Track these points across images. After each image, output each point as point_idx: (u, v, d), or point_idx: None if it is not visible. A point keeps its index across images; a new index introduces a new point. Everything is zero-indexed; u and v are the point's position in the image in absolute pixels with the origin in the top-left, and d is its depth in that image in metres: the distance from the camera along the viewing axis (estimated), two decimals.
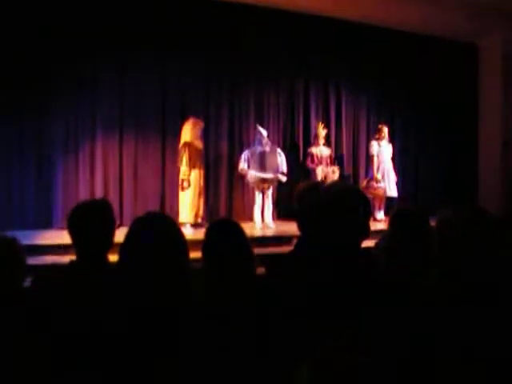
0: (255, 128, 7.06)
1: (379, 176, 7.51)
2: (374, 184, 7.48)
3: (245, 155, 6.77)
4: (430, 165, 8.92)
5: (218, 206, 7.43)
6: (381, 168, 7.59)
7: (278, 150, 6.88)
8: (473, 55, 8.88)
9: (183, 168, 6.45)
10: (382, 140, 7.65)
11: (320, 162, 7.40)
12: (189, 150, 6.44)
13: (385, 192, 7.51)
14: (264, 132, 6.81)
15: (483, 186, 8.69)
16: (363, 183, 7.65)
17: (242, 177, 6.92)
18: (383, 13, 7.44)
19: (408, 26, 7.84)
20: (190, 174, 6.46)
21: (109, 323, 1.36)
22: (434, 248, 1.46)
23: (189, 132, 6.46)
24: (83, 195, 6.50)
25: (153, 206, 6.88)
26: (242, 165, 6.73)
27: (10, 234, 1.96)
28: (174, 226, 1.58)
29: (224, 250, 1.77)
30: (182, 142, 6.49)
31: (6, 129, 6.24)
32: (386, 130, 7.66)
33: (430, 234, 1.67)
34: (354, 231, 1.69)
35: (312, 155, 7.46)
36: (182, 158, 6.46)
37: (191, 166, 6.47)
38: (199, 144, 6.56)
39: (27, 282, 1.80)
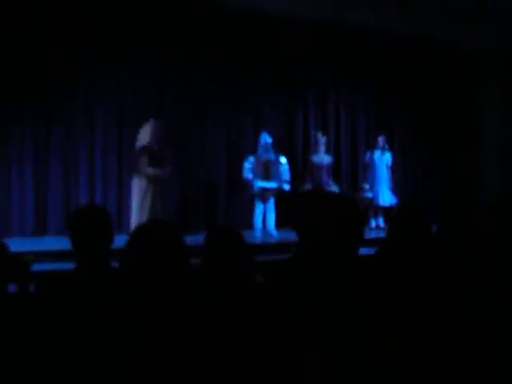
0: (260, 133, 6.83)
1: (365, 186, 7.53)
2: (361, 193, 7.50)
3: (249, 164, 6.54)
4: (428, 171, 8.89)
5: (217, 212, 7.40)
6: (371, 177, 7.60)
7: (281, 158, 6.69)
8: (470, 56, 8.86)
9: (152, 173, 5.79)
10: (375, 149, 7.66)
11: (320, 170, 7.27)
12: (148, 155, 5.85)
13: (372, 201, 7.50)
14: (269, 139, 6.63)
15: (481, 192, 8.64)
16: (353, 193, 7.69)
17: (245, 184, 6.65)
18: (380, 17, 7.41)
19: (405, 29, 7.80)
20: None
21: (111, 328, 1.37)
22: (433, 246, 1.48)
23: (148, 135, 5.88)
24: (82, 200, 6.51)
25: None
26: (247, 174, 6.51)
27: (7, 240, 1.97)
28: (176, 233, 1.59)
29: (223, 256, 1.78)
30: (140, 145, 5.90)
31: (5, 132, 6.25)
32: (379, 139, 7.67)
33: (429, 230, 1.68)
34: (351, 239, 1.71)
35: (313, 164, 7.27)
36: (143, 163, 5.82)
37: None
38: (159, 148, 5.92)
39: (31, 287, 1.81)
